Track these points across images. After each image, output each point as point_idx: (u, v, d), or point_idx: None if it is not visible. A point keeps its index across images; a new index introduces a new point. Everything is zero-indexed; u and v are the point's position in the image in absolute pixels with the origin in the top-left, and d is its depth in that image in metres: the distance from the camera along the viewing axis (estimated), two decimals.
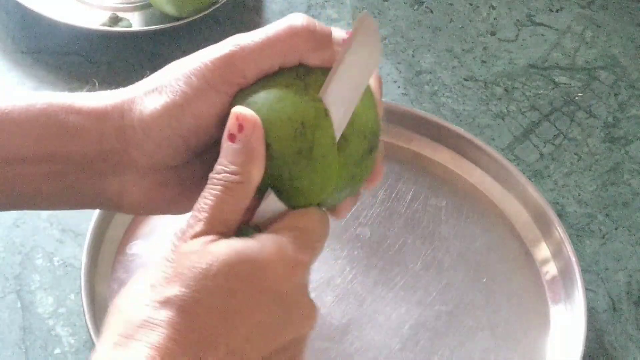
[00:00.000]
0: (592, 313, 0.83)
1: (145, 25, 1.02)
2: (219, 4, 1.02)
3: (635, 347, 0.82)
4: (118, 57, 1.00)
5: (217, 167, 0.49)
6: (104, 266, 0.79)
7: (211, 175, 0.49)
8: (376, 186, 0.56)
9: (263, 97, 0.51)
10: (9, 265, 0.82)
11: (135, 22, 1.02)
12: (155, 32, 1.00)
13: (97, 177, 0.54)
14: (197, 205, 0.49)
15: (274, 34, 0.52)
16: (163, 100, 0.52)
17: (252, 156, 0.49)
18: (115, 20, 1.00)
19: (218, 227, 0.48)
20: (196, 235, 0.48)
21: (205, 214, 0.48)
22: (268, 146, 0.50)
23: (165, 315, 0.45)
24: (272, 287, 0.47)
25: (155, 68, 1.06)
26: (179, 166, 0.54)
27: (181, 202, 0.54)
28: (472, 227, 0.86)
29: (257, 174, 0.49)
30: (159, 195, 0.54)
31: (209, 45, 1.10)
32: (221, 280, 0.46)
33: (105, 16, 1.01)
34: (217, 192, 0.48)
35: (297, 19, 0.53)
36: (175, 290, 0.46)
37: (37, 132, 0.53)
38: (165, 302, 0.46)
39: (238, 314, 0.46)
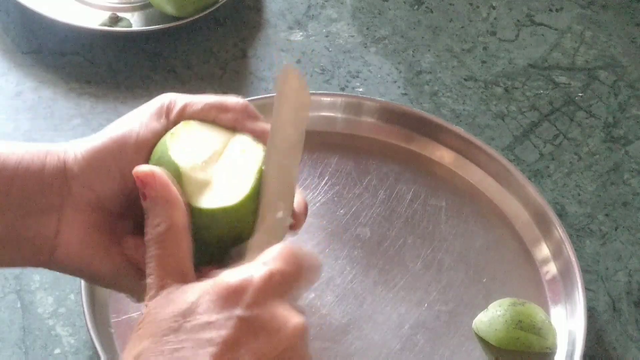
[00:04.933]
0: (592, 313, 0.83)
1: (145, 25, 1.02)
2: (219, 4, 1.01)
3: (635, 347, 0.82)
4: (118, 57, 1.00)
5: (146, 229, 0.52)
6: None
7: (145, 240, 0.51)
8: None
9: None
10: None
11: (135, 22, 1.02)
12: (155, 32, 1.00)
13: (36, 214, 0.55)
14: (146, 272, 0.51)
15: (217, 99, 0.57)
16: (108, 134, 0.55)
17: (165, 201, 0.51)
18: (115, 20, 1.00)
19: (172, 280, 0.50)
20: (152, 297, 0.50)
21: (153, 276, 0.50)
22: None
23: None
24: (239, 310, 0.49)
25: (155, 68, 1.07)
26: (113, 213, 0.56)
27: (110, 254, 0.56)
28: (472, 227, 0.86)
29: (179, 214, 0.51)
30: (92, 239, 0.55)
31: (209, 45, 1.11)
32: (193, 314, 0.48)
33: (105, 16, 1.01)
34: (155, 251, 0.51)
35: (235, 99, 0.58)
36: (144, 343, 0.47)
37: None
38: (137, 357, 0.47)
39: (213, 344, 0.47)
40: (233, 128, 0.57)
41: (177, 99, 0.57)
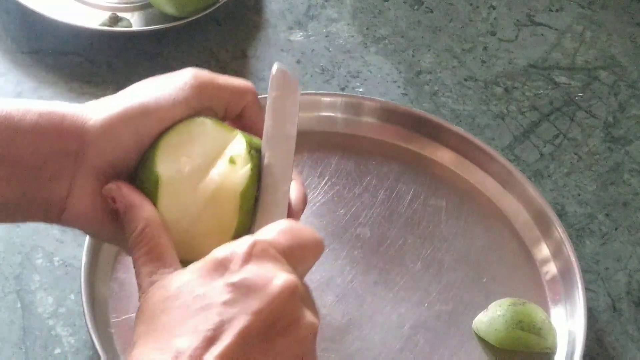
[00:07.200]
0: (592, 313, 0.83)
1: (145, 25, 1.02)
2: (219, 4, 1.02)
3: (635, 347, 0.82)
4: (118, 57, 1.00)
5: (128, 239, 0.53)
6: (104, 266, 0.79)
7: (128, 248, 0.53)
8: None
9: None
10: (9, 265, 0.82)
11: (135, 22, 1.02)
12: (155, 32, 1.00)
13: (48, 179, 0.55)
14: (135, 276, 0.52)
15: (243, 85, 0.60)
16: (130, 100, 0.55)
17: (132, 206, 0.53)
18: (115, 20, 1.00)
19: (159, 275, 0.51)
20: (143, 294, 0.51)
21: (142, 276, 0.51)
22: None
23: None
24: None
25: (155, 68, 1.07)
26: (124, 178, 0.56)
27: (117, 218, 0.56)
28: (472, 227, 0.86)
29: (150, 213, 0.53)
30: (101, 203, 0.56)
31: (209, 45, 1.11)
32: (182, 293, 0.49)
33: (105, 16, 1.01)
34: (137, 252, 0.52)
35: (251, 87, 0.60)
36: (138, 331, 0.50)
37: None
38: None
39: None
40: (240, 115, 0.59)
41: (205, 82, 0.58)
